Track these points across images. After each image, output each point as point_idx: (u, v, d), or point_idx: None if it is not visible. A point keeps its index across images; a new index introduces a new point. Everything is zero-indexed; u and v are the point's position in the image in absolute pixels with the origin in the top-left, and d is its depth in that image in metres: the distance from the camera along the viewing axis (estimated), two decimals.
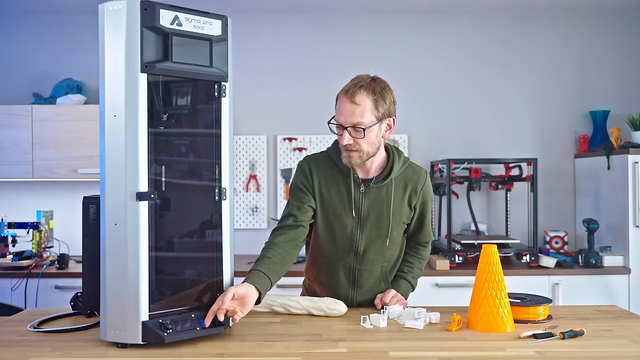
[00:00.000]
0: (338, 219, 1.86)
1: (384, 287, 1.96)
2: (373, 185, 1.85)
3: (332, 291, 1.94)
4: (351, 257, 1.90)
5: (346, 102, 1.75)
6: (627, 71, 3.89)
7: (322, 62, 3.86)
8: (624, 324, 1.72)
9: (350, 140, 1.75)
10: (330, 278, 1.94)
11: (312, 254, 1.97)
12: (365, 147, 1.77)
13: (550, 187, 3.86)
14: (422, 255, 2.04)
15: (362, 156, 1.79)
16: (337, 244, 1.89)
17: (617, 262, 3.35)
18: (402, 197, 1.89)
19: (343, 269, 1.91)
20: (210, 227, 1.61)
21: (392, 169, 1.86)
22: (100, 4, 1.47)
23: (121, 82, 1.44)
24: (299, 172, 1.91)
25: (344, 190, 1.85)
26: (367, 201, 1.86)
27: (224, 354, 1.43)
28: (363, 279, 1.92)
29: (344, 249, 1.89)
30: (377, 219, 1.86)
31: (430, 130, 3.88)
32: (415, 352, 1.44)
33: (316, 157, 1.92)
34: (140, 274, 1.45)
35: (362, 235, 1.87)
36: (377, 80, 1.80)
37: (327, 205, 1.86)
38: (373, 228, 1.87)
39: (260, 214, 3.85)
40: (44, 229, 3.40)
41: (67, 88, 3.62)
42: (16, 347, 1.49)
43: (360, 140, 1.76)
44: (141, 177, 1.45)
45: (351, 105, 1.74)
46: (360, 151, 1.77)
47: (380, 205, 1.86)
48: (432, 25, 3.89)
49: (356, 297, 1.94)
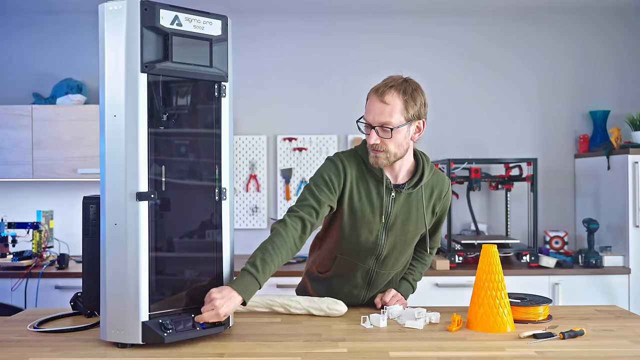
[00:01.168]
0: (366, 223, 1.80)
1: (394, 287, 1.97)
2: (404, 191, 1.81)
3: (346, 290, 1.92)
4: (372, 261, 1.87)
5: (375, 101, 1.71)
6: (627, 71, 3.89)
7: (322, 62, 3.86)
8: (624, 324, 1.72)
9: (378, 140, 1.71)
10: (347, 278, 1.91)
11: (332, 251, 1.90)
12: (393, 149, 1.72)
13: (550, 187, 3.86)
14: (425, 260, 2.05)
15: (389, 157, 1.74)
16: (361, 245, 1.83)
17: (617, 262, 3.34)
18: (429, 204, 1.86)
19: (362, 270, 1.88)
20: (210, 227, 1.61)
21: (423, 175, 1.82)
22: (100, 4, 1.47)
23: (121, 82, 1.44)
24: (331, 167, 1.80)
25: (375, 195, 1.79)
26: (396, 207, 1.81)
27: (224, 354, 1.43)
28: (379, 282, 1.92)
29: (367, 252, 1.85)
30: (402, 226, 1.83)
31: (430, 130, 3.85)
32: (415, 352, 1.44)
33: (348, 156, 1.84)
34: (140, 274, 1.45)
35: (387, 241, 1.83)
36: (409, 81, 1.76)
37: (355, 208, 1.79)
38: (398, 234, 1.83)
39: (260, 214, 3.85)
40: (44, 229, 3.40)
41: (67, 88, 3.62)
42: (16, 347, 1.49)
43: (387, 141, 1.71)
44: (141, 177, 1.45)
45: (380, 104, 1.70)
46: (387, 152, 1.73)
47: (408, 211, 1.82)
48: (432, 25, 3.90)
49: (368, 296, 1.95)
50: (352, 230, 1.81)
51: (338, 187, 1.77)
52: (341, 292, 1.92)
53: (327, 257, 1.93)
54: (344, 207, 1.80)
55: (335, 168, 1.79)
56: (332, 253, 1.90)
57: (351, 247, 1.84)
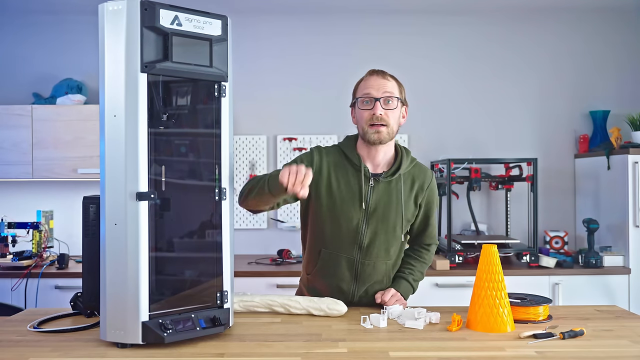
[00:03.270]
0: (345, 211, 1.87)
1: (385, 283, 1.97)
2: (382, 179, 1.88)
3: (335, 285, 1.94)
4: (355, 250, 1.91)
5: (378, 78, 1.86)
6: (627, 71, 3.89)
7: (322, 62, 3.86)
8: (624, 324, 1.72)
9: (382, 111, 1.82)
10: (334, 271, 1.93)
11: (315, 246, 1.96)
12: (392, 123, 1.85)
13: (550, 187, 3.86)
14: (424, 258, 2.05)
15: (390, 132, 1.85)
16: (342, 235, 1.89)
17: (617, 262, 3.34)
18: (410, 193, 1.92)
19: (346, 261, 1.91)
20: (210, 227, 1.61)
21: (401, 164, 1.90)
22: (100, 4, 1.47)
23: (121, 82, 1.44)
24: (306, 154, 1.94)
25: (354, 183, 1.88)
26: (375, 195, 1.88)
27: (224, 354, 1.43)
28: (366, 274, 1.93)
29: (349, 241, 1.90)
30: (383, 214, 1.89)
31: (430, 130, 3.88)
32: (415, 352, 1.44)
33: (326, 147, 1.97)
34: (140, 274, 1.45)
35: (368, 229, 1.89)
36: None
37: (334, 194, 1.88)
38: (379, 222, 1.89)
39: (260, 214, 3.85)
40: (44, 229, 3.40)
41: (67, 88, 3.62)
42: (16, 347, 1.49)
43: (390, 113, 1.84)
44: (141, 177, 1.45)
45: (383, 80, 1.85)
46: (389, 126, 1.84)
47: (388, 200, 1.89)
48: (432, 25, 3.90)
49: (358, 292, 1.94)
50: (333, 218, 1.89)
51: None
52: (330, 288, 1.94)
53: (312, 254, 1.98)
54: (323, 194, 1.88)
55: (309, 155, 1.93)
56: (316, 248, 1.95)
57: (334, 237, 1.90)
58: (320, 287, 1.97)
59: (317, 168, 1.89)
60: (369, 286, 1.95)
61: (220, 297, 1.60)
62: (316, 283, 1.99)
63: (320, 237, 1.93)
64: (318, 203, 1.90)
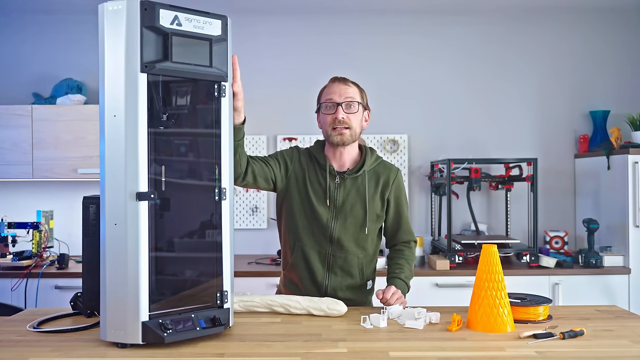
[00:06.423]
0: (315, 207, 1.99)
1: (359, 278, 2.03)
2: (347, 176, 2.00)
3: (309, 279, 2.01)
4: (326, 244, 2.00)
5: (339, 84, 2.00)
6: (627, 71, 3.89)
7: (322, 62, 3.86)
8: (624, 324, 1.72)
9: (344, 115, 1.95)
10: (307, 265, 2.01)
11: (290, 242, 2.04)
12: (354, 125, 1.98)
13: (550, 187, 3.86)
14: (407, 256, 2.10)
15: (352, 134, 1.98)
16: (314, 229, 2.00)
17: (617, 262, 3.35)
18: (375, 189, 2.03)
19: (319, 254, 2.01)
20: (210, 227, 1.61)
21: (365, 161, 2.02)
22: (100, 4, 1.47)
23: (121, 82, 1.44)
24: (287, 150, 2.08)
25: (321, 180, 2.01)
26: (342, 192, 2.00)
27: (224, 354, 1.43)
28: (337, 266, 2.01)
29: (320, 235, 2.00)
30: (351, 209, 2.00)
31: (430, 130, 3.88)
32: (415, 352, 1.44)
33: (301, 149, 2.11)
34: (140, 274, 1.45)
35: (337, 224, 1.99)
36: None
37: (305, 192, 2.00)
38: (348, 217, 1.99)
39: (260, 214, 3.85)
40: (44, 229, 3.40)
41: (67, 88, 3.62)
42: (16, 347, 1.49)
43: (352, 117, 1.97)
44: (141, 177, 1.45)
45: (344, 86, 1.99)
46: (352, 128, 1.97)
47: (355, 196, 2.01)
48: (432, 25, 3.90)
49: (330, 282, 2.01)
50: (305, 213, 2.00)
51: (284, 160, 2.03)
52: (305, 280, 2.02)
53: (287, 249, 2.07)
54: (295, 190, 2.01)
55: (289, 150, 2.08)
56: (290, 242, 2.04)
57: (306, 231, 2.01)
58: (296, 279, 2.05)
59: (296, 162, 2.03)
60: (341, 277, 2.01)
61: (220, 297, 1.60)
62: (292, 276, 2.06)
63: (293, 231, 2.03)
64: (291, 198, 2.01)
